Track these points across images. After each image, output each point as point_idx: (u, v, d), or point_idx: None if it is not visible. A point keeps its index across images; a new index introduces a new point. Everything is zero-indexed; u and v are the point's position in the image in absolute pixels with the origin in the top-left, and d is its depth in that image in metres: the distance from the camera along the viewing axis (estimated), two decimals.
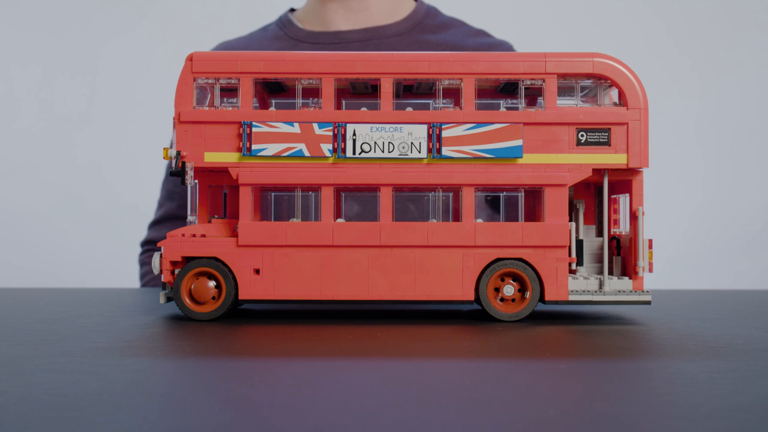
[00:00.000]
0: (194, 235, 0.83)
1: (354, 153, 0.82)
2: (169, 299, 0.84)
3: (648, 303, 0.84)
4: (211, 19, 1.46)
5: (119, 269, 1.42)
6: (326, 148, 0.82)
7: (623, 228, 0.89)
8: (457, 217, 0.85)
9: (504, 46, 1.36)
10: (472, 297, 0.82)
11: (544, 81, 0.84)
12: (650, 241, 0.84)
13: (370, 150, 0.82)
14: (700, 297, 1.09)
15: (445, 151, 0.82)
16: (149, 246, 1.36)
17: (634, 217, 0.85)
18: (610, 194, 0.89)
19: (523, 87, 0.85)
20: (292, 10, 1.43)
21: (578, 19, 2.24)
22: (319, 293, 0.82)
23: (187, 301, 0.82)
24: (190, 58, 0.84)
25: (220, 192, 0.91)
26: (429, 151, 0.83)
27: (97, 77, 2.26)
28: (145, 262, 1.37)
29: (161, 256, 0.83)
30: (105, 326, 0.75)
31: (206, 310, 0.82)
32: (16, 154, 2.22)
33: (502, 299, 0.83)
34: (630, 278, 0.85)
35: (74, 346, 0.63)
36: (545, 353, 0.62)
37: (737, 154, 2.26)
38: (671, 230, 2.22)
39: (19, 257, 2.14)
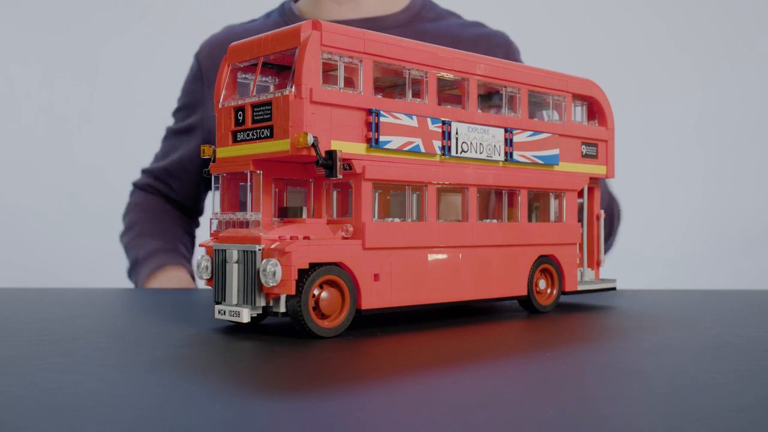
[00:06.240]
0: (295, 238, 0.70)
1: (456, 152, 0.80)
2: (262, 316, 0.72)
3: (614, 289, 0.99)
4: (211, 20, 1.47)
5: (119, 269, 1.42)
6: (437, 145, 0.78)
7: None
8: (498, 215, 0.89)
9: (499, 36, 1.41)
10: (526, 292, 0.86)
11: (565, 98, 0.92)
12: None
13: (467, 150, 0.81)
14: (700, 297, 1.09)
15: (515, 155, 0.85)
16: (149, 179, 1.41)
17: (597, 218, 0.99)
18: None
19: (552, 101, 0.91)
20: (295, 0, 1.45)
21: (578, 18, 2.24)
22: (432, 297, 0.77)
23: (314, 317, 0.68)
24: (316, 27, 0.70)
25: (237, 185, 0.79)
26: (505, 154, 0.84)
27: (98, 77, 2.26)
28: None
29: (281, 263, 0.67)
30: (105, 326, 0.75)
31: (332, 324, 0.69)
32: (16, 154, 2.22)
33: (536, 292, 0.89)
34: (592, 269, 1.00)
35: (74, 346, 0.63)
36: (546, 353, 0.62)
37: (738, 154, 2.26)
38: (671, 230, 2.22)
39: (19, 257, 2.14)
